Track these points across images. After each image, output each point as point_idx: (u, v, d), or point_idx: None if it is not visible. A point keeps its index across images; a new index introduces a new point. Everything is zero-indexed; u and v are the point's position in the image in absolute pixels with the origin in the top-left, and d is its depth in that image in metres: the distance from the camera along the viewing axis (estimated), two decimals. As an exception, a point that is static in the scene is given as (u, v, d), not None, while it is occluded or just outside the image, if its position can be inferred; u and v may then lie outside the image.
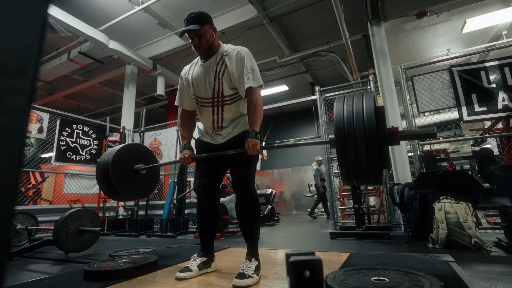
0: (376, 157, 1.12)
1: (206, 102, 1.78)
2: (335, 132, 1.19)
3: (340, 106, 1.25)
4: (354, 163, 1.14)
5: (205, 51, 1.71)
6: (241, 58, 1.69)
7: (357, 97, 1.24)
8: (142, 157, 2.07)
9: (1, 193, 0.23)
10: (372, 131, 1.11)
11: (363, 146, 1.11)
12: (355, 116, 1.16)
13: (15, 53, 0.25)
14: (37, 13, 0.28)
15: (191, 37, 1.69)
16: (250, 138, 1.59)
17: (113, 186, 1.83)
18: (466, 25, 5.70)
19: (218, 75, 1.71)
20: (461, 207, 2.49)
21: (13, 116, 0.25)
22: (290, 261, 0.51)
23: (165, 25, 5.85)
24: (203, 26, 1.66)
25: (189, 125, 1.92)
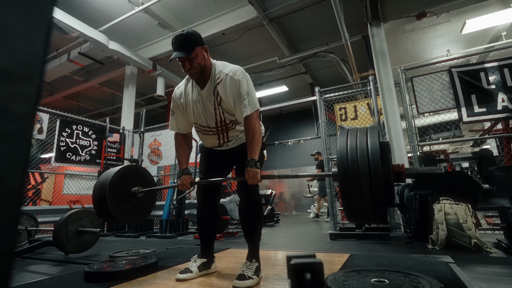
0: (382, 197, 1.06)
1: (210, 131, 1.74)
2: (338, 168, 1.13)
3: (343, 140, 1.18)
4: (358, 203, 1.09)
5: (197, 74, 1.59)
6: (234, 84, 1.59)
7: (361, 132, 1.18)
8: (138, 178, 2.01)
9: (8, 198, 0.24)
10: (377, 169, 1.06)
11: (367, 185, 1.06)
12: (359, 152, 1.10)
13: (21, 59, 0.26)
14: (42, 19, 0.28)
15: (182, 62, 1.56)
16: (250, 168, 1.51)
17: (111, 213, 1.79)
18: (465, 26, 5.71)
19: (216, 105, 1.64)
20: (460, 208, 2.49)
21: (19, 122, 0.25)
22: (291, 264, 0.51)
23: (165, 25, 5.86)
24: (194, 50, 1.53)
25: (186, 149, 1.82)
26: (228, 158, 1.82)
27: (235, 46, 6.81)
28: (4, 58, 0.25)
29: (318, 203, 6.97)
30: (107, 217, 1.86)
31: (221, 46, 6.84)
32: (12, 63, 0.25)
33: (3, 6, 0.26)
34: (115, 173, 1.84)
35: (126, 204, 1.91)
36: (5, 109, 0.24)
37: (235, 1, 5.50)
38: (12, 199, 0.24)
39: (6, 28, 0.25)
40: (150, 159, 6.19)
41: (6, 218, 0.24)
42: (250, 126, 1.56)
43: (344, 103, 4.87)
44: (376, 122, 4.16)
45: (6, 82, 0.25)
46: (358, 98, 5.25)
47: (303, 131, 10.92)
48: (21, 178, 0.25)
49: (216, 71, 1.64)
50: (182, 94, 1.73)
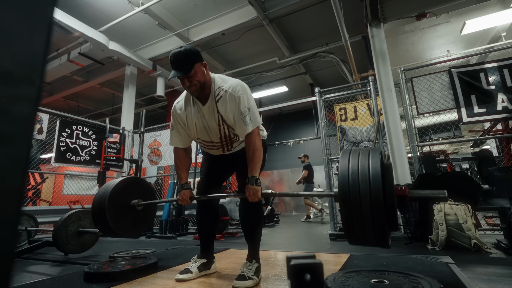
0: (383, 222, 1.04)
1: (214, 145, 1.74)
2: (339, 189, 1.12)
3: (345, 162, 1.16)
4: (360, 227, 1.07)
5: (197, 91, 1.57)
6: (234, 100, 1.56)
7: (363, 153, 1.16)
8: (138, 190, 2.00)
9: (8, 199, 0.24)
10: (378, 193, 1.04)
11: (369, 208, 1.04)
12: (360, 175, 1.08)
13: (22, 61, 0.26)
14: (43, 21, 0.28)
15: (181, 79, 1.54)
16: (251, 185, 1.50)
17: (110, 227, 1.79)
18: (465, 26, 5.72)
19: (220, 122, 1.62)
20: (460, 208, 2.49)
21: (19, 123, 0.26)
22: (291, 265, 0.51)
23: (165, 26, 5.86)
24: (192, 68, 1.50)
25: (186, 163, 1.78)
26: (230, 160, 1.82)
27: (235, 46, 6.81)
28: (5, 59, 0.25)
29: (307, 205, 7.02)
30: (106, 230, 1.84)
31: (221, 47, 6.85)
32: (13, 65, 0.25)
33: (4, 8, 0.26)
34: (114, 186, 1.83)
35: (125, 217, 1.90)
36: (6, 110, 0.25)
37: (235, 1, 5.51)
38: (12, 200, 0.24)
39: (7, 30, 0.25)
40: (150, 159, 6.19)
41: (7, 219, 0.24)
42: (251, 143, 1.54)
43: (344, 104, 4.87)
44: (376, 123, 4.16)
45: (7, 84, 0.25)
46: (358, 98, 5.25)
47: (303, 132, 10.93)
48: (22, 179, 0.25)
49: (215, 86, 1.61)
50: (182, 110, 1.70)
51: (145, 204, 1.95)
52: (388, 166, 1.15)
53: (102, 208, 1.78)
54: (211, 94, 1.60)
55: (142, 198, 1.97)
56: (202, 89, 1.58)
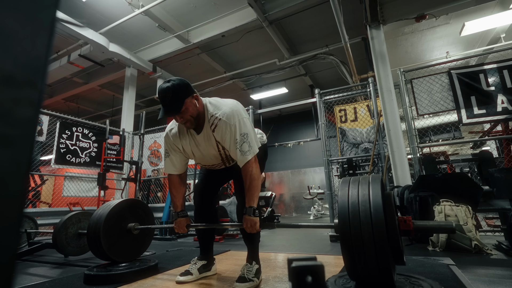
0: (387, 256, 0.98)
1: (217, 165, 1.74)
2: (339, 220, 1.07)
3: (344, 192, 1.12)
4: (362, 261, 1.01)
5: (193, 125, 1.54)
6: (229, 129, 1.50)
7: (363, 182, 1.12)
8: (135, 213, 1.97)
9: (10, 203, 0.24)
10: (380, 226, 0.99)
11: (371, 242, 0.99)
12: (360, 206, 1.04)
13: (24, 64, 0.26)
14: (45, 24, 0.28)
15: (174, 116, 1.51)
16: (248, 217, 1.46)
17: (105, 253, 1.78)
18: (464, 28, 5.73)
19: (218, 148, 1.60)
20: (461, 210, 2.49)
21: (22, 126, 0.26)
22: (292, 267, 0.51)
23: (165, 28, 5.87)
24: (183, 104, 1.46)
25: (181, 190, 1.73)
26: (226, 172, 1.82)
27: (235, 48, 6.82)
28: (8, 63, 0.25)
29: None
30: (101, 256, 1.84)
31: (221, 48, 6.86)
32: (15, 68, 0.25)
33: (7, 11, 0.26)
34: (110, 210, 1.82)
35: (121, 242, 1.88)
36: (8, 113, 0.25)
37: (235, 3, 5.52)
38: (14, 203, 0.24)
39: (10, 33, 0.26)
40: (150, 161, 6.19)
41: (9, 223, 0.24)
42: (247, 172, 1.49)
43: (344, 105, 4.88)
44: (376, 124, 4.16)
45: (9, 87, 0.25)
46: (358, 100, 5.26)
47: (303, 133, 10.94)
48: (24, 182, 0.25)
49: (209, 115, 1.55)
50: (176, 137, 1.66)
51: (141, 228, 1.92)
52: (389, 196, 1.11)
53: (97, 233, 1.76)
54: (205, 123, 1.56)
55: (139, 221, 1.94)
56: (197, 120, 1.54)
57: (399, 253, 1.05)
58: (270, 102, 10.24)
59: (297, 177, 10.85)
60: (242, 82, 8.29)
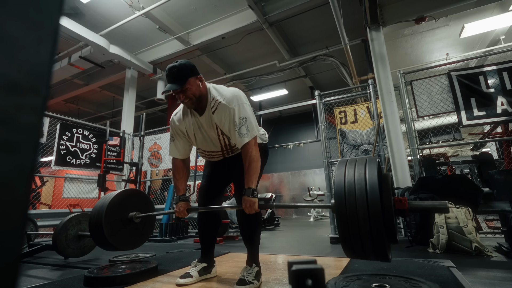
0: (382, 235, 1.01)
1: (215, 154, 1.75)
2: (335, 200, 1.09)
3: (341, 173, 1.14)
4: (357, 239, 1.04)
5: (193, 105, 1.59)
6: (228, 112, 1.55)
7: (360, 163, 1.14)
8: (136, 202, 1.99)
9: (15, 208, 0.24)
10: (375, 205, 1.01)
11: (366, 221, 1.01)
12: (356, 186, 1.06)
13: (28, 71, 0.26)
14: (49, 31, 0.29)
15: (176, 93, 1.55)
16: (247, 197, 1.48)
17: (107, 240, 1.78)
18: (464, 30, 5.75)
19: (218, 132, 1.63)
20: (461, 211, 2.49)
21: (26, 133, 0.26)
22: (293, 270, 0.51)
23: (165, 29, 5.89)
24: (186, 82, 1.52)
25: (184, 175, 1.79)
26: (231, 164, 1.81)
27: (235, 49, 6.84)
28: (12, 69, 0.25)
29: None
30: (104, 245, 1.84)
31: (221, 50, 6.88)
32: (20, 75, 0.26)
33: (11, 18, 0.26)
34: (111, 199, 1.83)
35: (123, 231, 1.89)
36: (13, 120, 0.25)
37: (235, 5, 5.54)
38: (19, 208, 0.24)
39: (14, 41, 0.26)
40: (150, 162, 6.19)
41: (13, 227, 0.24)
42: (247, 154, 1.52)
43: (344, 107, 4.88)
44: (376, 126, 4.17)
45: (14, 94, 0.25)
46: (358, 101, 5.27)
47: (303, 134, 10.94)
48: (27, 187, 0.26)
49: (210, 98, 1.61)
50: (181, 121, 1.71)
51: (143, 216, 1.93)
52: (386, 177, 1.12)
53: (99, 222, 1.77)
54: (207, 105, 1.61)
55: (140, 211, 1.95)
56: (198, 102, 1.59)
57: (393, 232, 1.08)
58: (270, 104, 10.25)
59: (297, 179, 10.84)
60: (242, 84, 8.30)
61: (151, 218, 2.10)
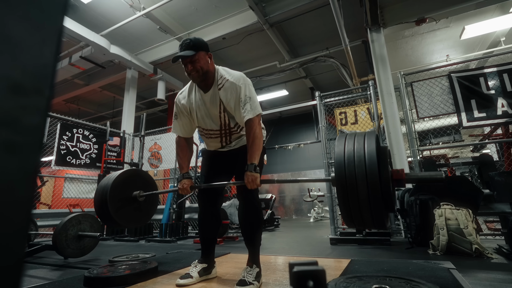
0: (380, 204, 1.05)
1: (213, 133, 1.76)
2: (335, 173, 1.13)
3: (341, 146, 1.18)
4: (356, 209, 1.08)
5: (199, 77, 1.61)
6: (235, 89, 1.62)
7: (359, 137, 1.18)
8: (140, 182, 2.02)
9: (18, 210, 0.24)
10: (374, 175, 1.05)
11: (365, 191, 1.05)
12: (356, 158, 1.09)
13: (32, 73, 0.26)
14: (53, 32, 0.29)
15: (185, 64, 1.59)
16: (249, 172, 1.51)
17: (111, 217, 1.80)
18: (464, 31, 5.75)
19: (220, 109, 1.67)
20: (461, 213, 2.49)
21: (29, 134, 0.26)
22: (294, 271, 0.51)
23: (166, 30, 5.90)
24: (197, 53, 1.57)
25: (187, 153, 1.83)
26: (229, 161, 1.81)
27: (236, 50, 6.85)
28: (16, 71, 0.25)
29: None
30: (108, 221, 1.86)
31: (222, 51, 6.88)
32: (24, 76, 0.26)
33: (16, 20, 0.26)
34: (116, 177, 1.85)
35: (127, 209, 1.91)
36: (17, 121, 0.25)
37: (236, 6, 5.55)
38: (22, 210, 0.24)
39: (18, 42, 0.26)
40: (150, 162, 6.19)
41: (17, 228, 0.24)
42: (251, 130, 1.56)
43: (344, 108, 4.89)
44: (376, 127, 4.17)
45: (18, 95, 0.25)
46: (358, 102, 5.27)
47: (303, 135, 10.94)
48: (31, 188, 0.26)
49: (218, 76, 1.67)
50: (185, 98, 1.77)
51: (146, 195, 1.97)
52: (384, 149, 1.17)
53: (104, 199, 1.80)
54: (214, 83, 1.66)
55: (143, 190, 1.99)
56: (204, 77, 1.63)
57: (391, 202, 1.13)
58: (270, 104, 10.26)
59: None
60: (243, 84, 8.29)
61: (154, 197, 2.15)
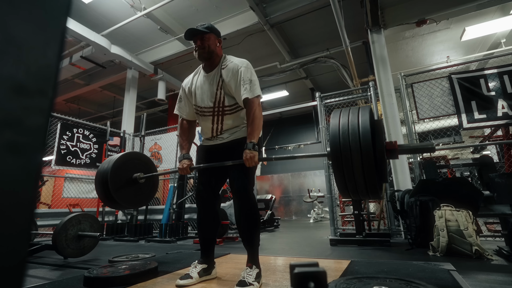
0: (373, 173, 1.09)
1: (207, 111, 1.78)
2: (330, 146, 1.18)
3: (335, 120, 1.23)
4: (351, 178, 1.12)
5: (204, 54, 1.72)
6: (238, 70, 1.70)
7: (353, 111, 1.23)
8: (141, 165, 2.07)
9: (21, 210, 0.24)
10: (367, 146, 1.09)
11: (359, 161, 1.09)
12: (350, 131, 1.13)
13: (36, 73, 0.26)
14: (56, 34, 0.29)
15: (195, 40, 1.73)
16: (248, 150, 1.56)
17: (111, 195, 1.83)
18: (465, 33, 5.76)
19: (218, 86, 1.74)
20: (461, 214, 2.48)
21: (32, 134, 0.26)
22: (295, 273, 0.51)
23: (166, 30, 5.91)
24: (209, 33, 1.72)
25: (189, 135, 1.91)
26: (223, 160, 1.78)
27: (236, 51, 6.84)
28: (20, 72, 0.25)
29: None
30: (109, 201, 1.90)
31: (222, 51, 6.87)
32: (27, 77, 0.26)
33: (19, 22, 0.26)
34: (117, 159, 1.90)
35: (127, 190, 1.96)
36: (20, 121, 0.25)
37: (237, 6, 5.56)
38: (25, 211, 0.24)
39: (22, 43, 0.26)
40: (150, 162, 6.18)
41: (20, 228, 0.24)
42: (251, 110, 1.63)
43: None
44: (377, 128, 4.16)
45: (21, 96, 0.25)
46: (359, 103, 5.27)
47: (304, 136, 10.94)
48: (34, 189, 0.26)
49: (223, 60, 1.79)
50: (190, 81, 1.88)
51: (147, 176, 2.00)
52: (378, 122, 1.21)
53: (105, 179, 1.83)
54: (218, 65, 1.77)
55: (144, 173, 2.02)
56: (209, 56, 1.74)
57: (384, 172, 1.18)
58: (270, 105, 10.26)
59: (297, 180, 10.83)
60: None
61: (154, 180, 2.18)
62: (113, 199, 1.86)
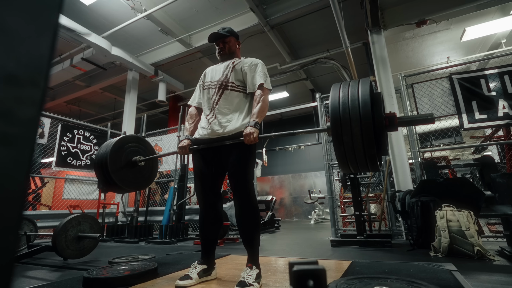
0: (372, 142, 1.10)
1: (212, 85, 1.88)
2: (331, 118, 1.19)
3: (335, 93, 1.25)
4: (350, 148, 1.12)
5: (225, 55, 1.92)
6: (256, 63, 1.85)
7: (353, 84, 1.24)
8: (141, 150, 2.10)
9: (9, 204, 0.23)
10: (367, 116, 1.10)
11: (358, 130, 1.10)
12: (350, 102, 1.15)
13: (27, 64, 0.26)
14: (48, 24, 0.28)
15: (217, 43, 1.92)
16: (250, 127, 1.63)
17: (110, 176, 1.83)
18: (465, 33, 5.75)
19: (229, 66, 1.87)
20: (463, 215, 2.47)
21: (24, 125, 0.25)
22: (294, 270, 0.50)
23: (167, 32, 5.91)
24: (230, 36, 1.92)
25: (195, 120, 1.98)
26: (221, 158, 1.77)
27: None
28: (11, 62, 0.25)
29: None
30: (108, 184, 1.90)
31: (222, 52, 6.88)
32: (19, 67, 0.25)
33: (10, 11, 0.26)
34: (116, 141, 1.92)
35: (127, 172, 1.97)
36: (10, 112, 0.24)
37: (237, 8, 5.57)
38: (14, 204, 0.24)
39: (13, 33, 0.26)
40: (151, 164, 6.18)
41: (8, 224, 0.23)
42: (262, 94, 1.74)
43: (345, 109, 4.88)
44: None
45: (12, 86, 0.25)
46: (359, 104, 5.25)
47: (304, 137, 10.92)
48: (24, 183, 0.25)
49: (239, 57, 1.96)
50: (208, 70, 2.00)
51: (146, 159, 2.01)
52: (377, 94, 1.22)
53: (104, 160, 1.83)
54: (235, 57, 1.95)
55: (143, 156, 2.04)
56: (229, 57, 1.93)
57: (383, 144, 1.18)
58: (271, 106, 10.26)
59: (298, 181, 10.81)
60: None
61: (154, 163, 2.20)
62: (112, 181, 1.85)
